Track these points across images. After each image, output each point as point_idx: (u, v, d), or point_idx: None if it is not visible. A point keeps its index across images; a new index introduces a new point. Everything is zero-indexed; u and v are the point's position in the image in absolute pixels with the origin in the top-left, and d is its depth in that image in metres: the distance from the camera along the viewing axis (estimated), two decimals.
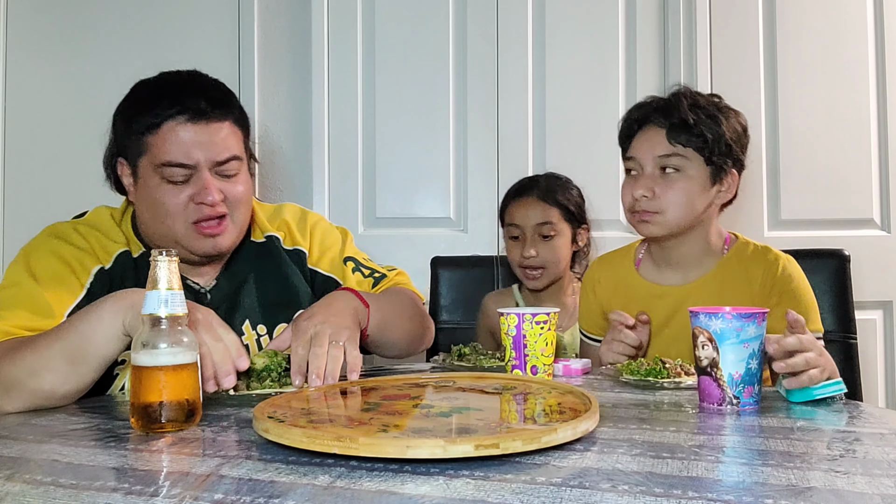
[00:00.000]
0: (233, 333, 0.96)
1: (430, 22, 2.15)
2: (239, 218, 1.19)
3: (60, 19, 2.22)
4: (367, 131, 2.17)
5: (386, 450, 0.63)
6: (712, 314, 0.93)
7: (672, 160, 1.29)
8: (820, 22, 2.06)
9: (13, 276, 1.11)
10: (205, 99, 1.12)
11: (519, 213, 1.63)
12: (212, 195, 1.11)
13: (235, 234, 1.19)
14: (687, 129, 1.28)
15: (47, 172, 2.20)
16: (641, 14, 2.11)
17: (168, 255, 0.82)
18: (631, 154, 1.36)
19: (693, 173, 1.30)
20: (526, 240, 1.62)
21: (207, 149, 1.12)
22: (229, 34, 2.17)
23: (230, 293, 1.24)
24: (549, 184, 1.65)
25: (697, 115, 1.28)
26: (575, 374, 1.22)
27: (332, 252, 1.36)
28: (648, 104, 1.35)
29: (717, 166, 1.30)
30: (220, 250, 1.17)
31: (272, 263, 1.29)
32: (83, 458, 0.70)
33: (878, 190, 2.05)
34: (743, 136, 1.33)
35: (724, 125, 1.29)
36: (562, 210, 1.63)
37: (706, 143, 1.28)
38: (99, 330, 0.92)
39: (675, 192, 1.29)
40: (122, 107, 1.19)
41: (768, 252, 1.34)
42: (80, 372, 0.94)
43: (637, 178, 1.34)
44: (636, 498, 0.56)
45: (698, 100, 1.31)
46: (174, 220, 1.13)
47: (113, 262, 1.17)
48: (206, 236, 1.15)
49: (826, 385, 0.94)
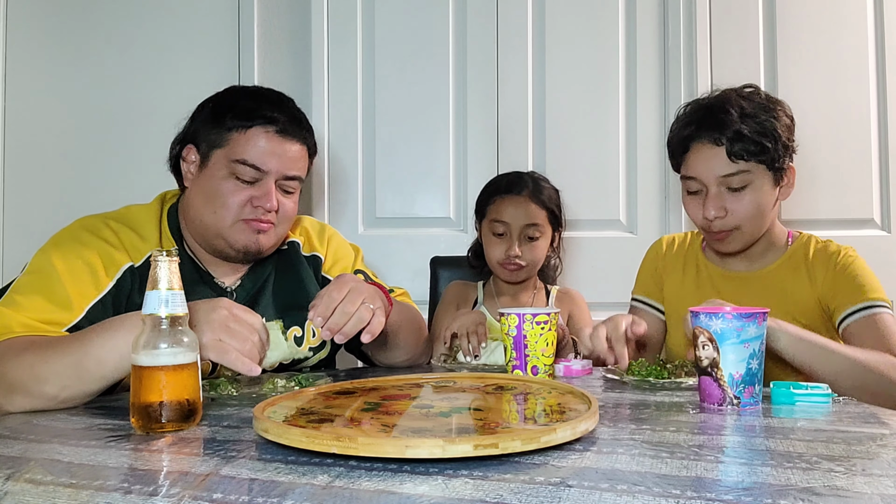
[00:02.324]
0: (257, 316, 0.99)
1: (430, 22, 2.15)
2: (281, 231, 1.26)
3: (60, 19, 2.22)
4: (367, 131, 2.17)
5: (385, 450, 0.63)
6: (712, 314, 0.93)
7: (737, 178, 1.27)
8: (820, 22, 2.06)
9: (38, 263, 1.11)
10: (294, 121, 1.23)
11: (508, 210, 1.58)
12: (271, 201, 1.19)
13: (274, 241, 1.26)
14: (745, 142, 1.24)
15: (47, 173, 2.20)
16: (641, 14, 2.11)
17: (168, 256, 0.82)
18: (691, 174, 1.32)
19: (760, 183, 1.28)
20: (512, 238, 1.57)
21: (281, 161, 1.20)
22: (229, 34, 2.17)
23: (252, 292, 1.28)
24: (537, 184, 1.61)
25: (751, 125, 1.25)
26: (575, 375, 1.22)
27: (345, 262, 1.41)
28: (696, 118, 1.31)
29: (778, 168, 1.28)
30: (258, 248, 1.22)
31: (291, 267, 1.33)
32: (83, 457, 0.70)
33: (878, 190, 2.05)
34: (792, 126, 1.31)
35: (779, 127, 1.26)
36: (548, 212, 1.60)
37: (767, 153, 1.25)
38: (113, 350, 0.91)
39: (747, 205, 1.28)
40: (214, 100, 1.25)
41: (830, 244, 1.36)
42: (86, 387, 0.94)
43: (703, 197, 1.31)
44: (635, 498, 0.56)
45: (745, 106, 1.27)
46: (227, 212, 1.19)
47: (144, 261, 1.18)
48: (252, 230, 1.20)
49: (810, 394, 0.95)
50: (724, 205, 1.28)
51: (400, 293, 1.47)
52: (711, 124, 1.27)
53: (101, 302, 1.11)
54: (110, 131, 2.19)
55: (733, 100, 1.28)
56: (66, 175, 2.20)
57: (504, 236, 1.59)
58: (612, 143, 2.11)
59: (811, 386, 0.96)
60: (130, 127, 2.18)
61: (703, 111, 1.30)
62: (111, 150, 2.19)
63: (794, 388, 0.95)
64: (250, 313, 0.98)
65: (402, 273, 2.08)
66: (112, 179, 2.18)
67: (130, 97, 2.18)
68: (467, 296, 1.70)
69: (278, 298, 1.30)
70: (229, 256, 1.24)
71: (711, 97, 1.32)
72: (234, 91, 1.27)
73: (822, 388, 0.95)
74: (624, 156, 2.11)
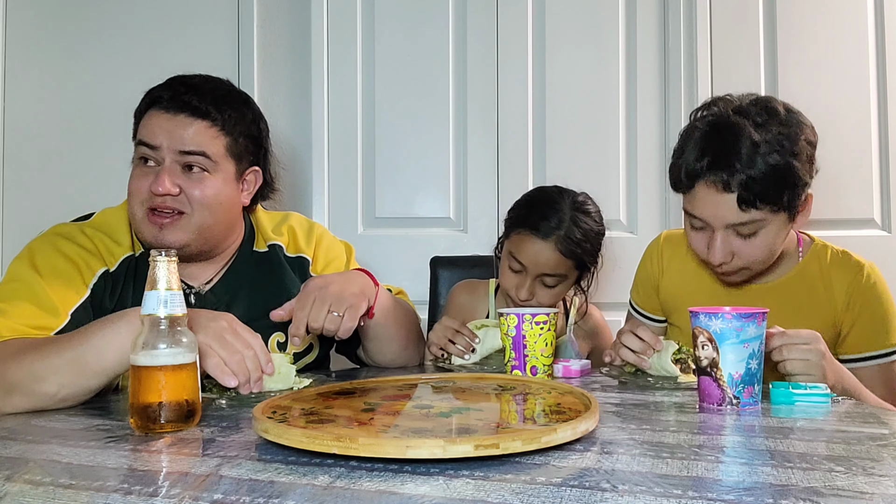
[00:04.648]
0: (258, 338, 0.99)
1: (429, 22, 2.15)
2: (198, 220, 1.17)
3: (60, 19, 2.22)
4: (366, 131, 2.17)
5: (386, 450, 0.63)
6: (712, 314, 0.93)
7: (747, 227, 1.13)
8: (820, 22, 2.06)
9: (17, 271, 1.11)
10: (195, 95, 1.17)
11: (529, 254, 1.37)
12: (163, 184, 1.13)
13: (190, 234, 1.17)
14: (757, 190, 1.09)
15: (47, 173, 2.20)
16: (641, 14, 2.11)
17: (167, 256, 0.82)
18: (696, 214, 1.17)
19: (773, 227, 1.14)
20: (526, 280, 1.39)
21: (172, 136, 1.15)
22: (229, 34, 2.17)
23: (224, 300, 1.25)
24: (573, 227, 1.36)
25: (765, 167, 1.08)
26: (574, 376, 1.22)
27: (337, 263, 1.38)
28: (704, 151, 1.13)
29: (794, 206, 1.14)
30: (162, 243, 1.15)
31: (272, 274, 1.30)
32: (83, 458, 0.70)
33: (878, 190, 2.05)
34: (814, 152, 1.16)
35: (799, 165, 1.10)
36: (575, 260, 1.39)
37: (781, 201, 1.11)
38: (114, 343, 0.91)
39: (757, 249, 1.16)
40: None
41: (849, 258, 1.25)
42: (86, 382, 0.93)
43: (708, 235, 1.18)
44: (636, 498, 0.56)
45: (760, 141, 1.09)
46: (134, 201, 1.17)
47: (118, 266, 1.18)
48: (151, 223, 1.16)
49: (809, 394, 0.95)
50: (731, 249, 1.16)
51: (396, 292, 1.46)
52: (721, 164, 1.10)
53: (83, 306, 1.11)
54: (110, 131, 2.18)
55: (747, 131, 1.10)
56: (65, 175, 2.19)
57: (520, 273, 1.41)
58: (612, 143, 2.11)
59: (810, 386, 0.96)
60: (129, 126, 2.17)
61: (713, 142, 1.13)
62: (111, 149, 2.18)
63: (793, 388, 0.95)
64: (250, 333, 0.98)
65: (402, 273, 2.07)
66: (112, 179, 2.16)
67: (130, 97, 2.16)
68: (475, 307, 1.60)
69: (257, 305, 1.24)
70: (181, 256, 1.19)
71: (722, 118, 1.14)
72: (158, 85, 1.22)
73: (822, 389, 0.95)
74: (624, 156, 2.11)
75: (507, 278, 1.44)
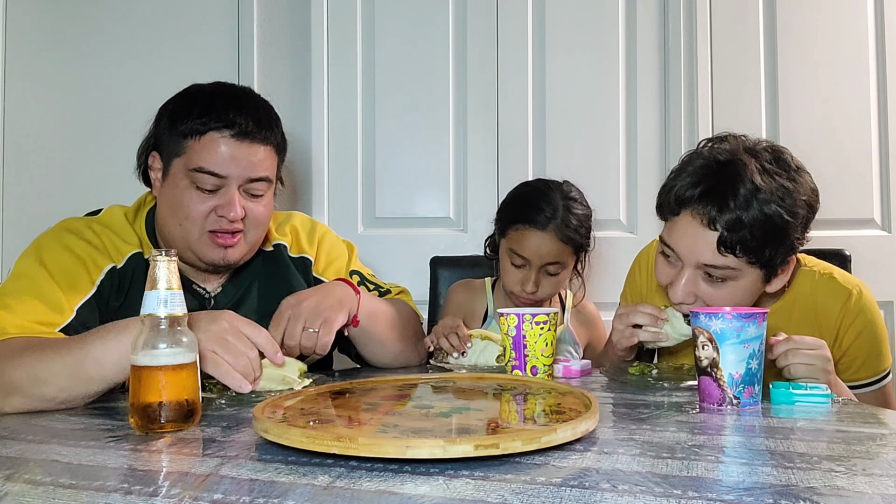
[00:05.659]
0: (263, 331, 0.98)
1: (430, 22, 2.15)
2: (252, 237, 1.22)
3: (60, 19, 2.22)
4: (366, 131, 2.17)
5: (386, 450, 0.63)
6: (712, 314, 0.93)
7: (719, 272, 1.08)
8: (820, 22, 2.06)
9: (24, 267, 1.11)
10: (253, 120, 1.16)
11: (531, 247, 1.42)
12: (235, 210, 1.15)
13: (246, 250, 1.22)
14: (741, 236, 1.04)
15: (47, 174, 2.20)
16: (641, 14, 2.11)
17: (168, 255, 0.82)
18: (671, 245, 1.12)
19: (745, 281, 1.09)
20: (530, 273, 1.44)
21: (242, 166, 1.15)
22: (229, 34, 2.17)
23: (234, 300, 1.27)
24: (567, 214, 1.42)
25: (757, 214, 1.03)
26: (574, 376, 1.22)
27: (339, 264, 1.38)
28: (699, 182, 1.07)
29: (773, 267, 1.09)
30: (227, 262, 1.19)
31: (277, 272, 1.31)
32: (83, 458, 0.70)
33: (878, 190, 2.05)
34: (811, 216, 1.09)
35: (792, 226, 1.04)
36: (574, 246, 1.45)
37: (763, 256, 1.06)
38: (114, 353, 0.91)
39: (723, 299, 1.10)
40: (171, 105, 1.21)
41: (836, 283, 1.20)
42: (85, 388, 0.93)
43: (675, 271, 1.13)
44: (636, 498, 0.56)
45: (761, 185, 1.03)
46: (192, 224, 1.15)
47: (125, 263, 1.18)
48: (217, 245, 1.17)
49: (809, 394, 0.94)
50: (695, 291, 1.11)
51: (398, 291, 1.46)
52: (713, 196, 1.05)
53: (88, 303, 1.11)
54: (110, 131, 2.18)
55: (751, 172, 1.05)
56: (65, 175, 2.19)
57: (523, 268, 1.45)
58: (612, 143, 2.11)
59: (810, 386, 0.96)
60: (130, 126, 2.17)
61: (713, 174, 1.07)
62: (111, 149, 2.18)
63: (793, 389, 0.95)
64: (254, 327, 0.97)
65: (402, 273, 2.07)
66: (112, 179, 2.16)
67: (130, 97, 2.18)
68: (473, 305, 1.61)
69: (264, 304, 1.26)
70: (201, 268, 1.23)
71: (730, 153, 1.09)
72: (191, 93, 1.21)
73: (822, 389, 0.95)
74: (624, 156, 2.11)
75: (511, 275, 1.47)
